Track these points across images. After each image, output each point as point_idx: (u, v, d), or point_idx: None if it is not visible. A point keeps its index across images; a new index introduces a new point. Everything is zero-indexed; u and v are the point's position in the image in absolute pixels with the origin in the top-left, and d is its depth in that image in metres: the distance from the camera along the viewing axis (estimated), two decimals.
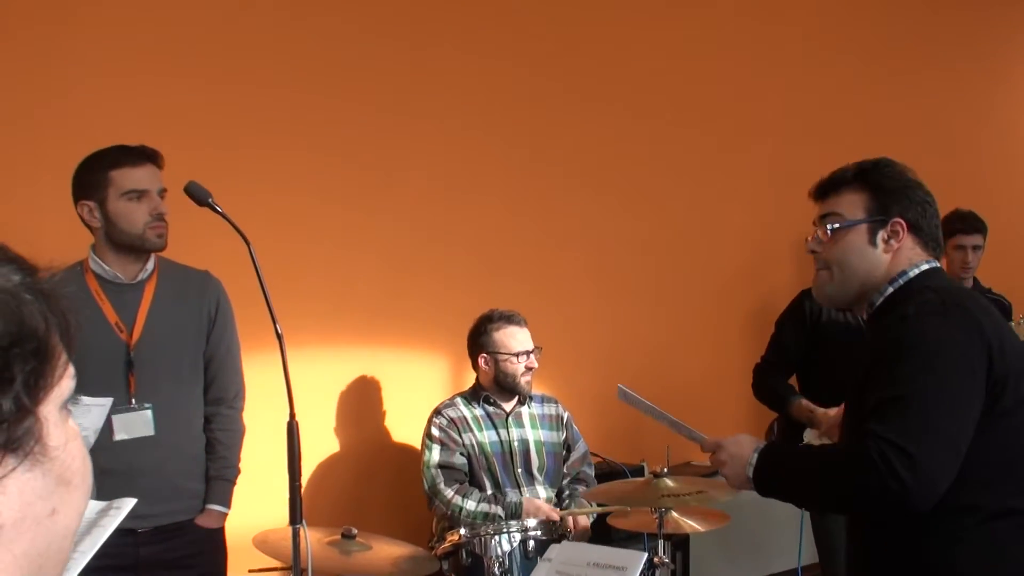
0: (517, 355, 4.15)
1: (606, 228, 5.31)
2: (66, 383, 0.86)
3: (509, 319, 4.20)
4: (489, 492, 4.06)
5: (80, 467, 0.87)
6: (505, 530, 3.39)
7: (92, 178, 3.20)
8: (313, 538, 2.69)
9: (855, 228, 2.43)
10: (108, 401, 3.12)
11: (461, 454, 4.09)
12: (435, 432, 4.11)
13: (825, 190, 2.52)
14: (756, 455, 2.36)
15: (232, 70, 4.22)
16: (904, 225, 2.41)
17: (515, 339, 4.17)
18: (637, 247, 5.42)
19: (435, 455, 4.07)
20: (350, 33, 4.54)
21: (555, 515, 3.88)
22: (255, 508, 3.73)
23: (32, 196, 3.71)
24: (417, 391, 4.64)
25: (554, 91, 5.12)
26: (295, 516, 2.44)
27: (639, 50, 5.42)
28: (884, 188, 2.44)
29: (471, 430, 4.13)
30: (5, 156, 3.76)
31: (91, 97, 3.91)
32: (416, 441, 4.34)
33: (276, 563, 3.17)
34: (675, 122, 5.51)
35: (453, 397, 4.26)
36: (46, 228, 3.52)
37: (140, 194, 3.18)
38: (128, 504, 1.57)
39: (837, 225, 2.44)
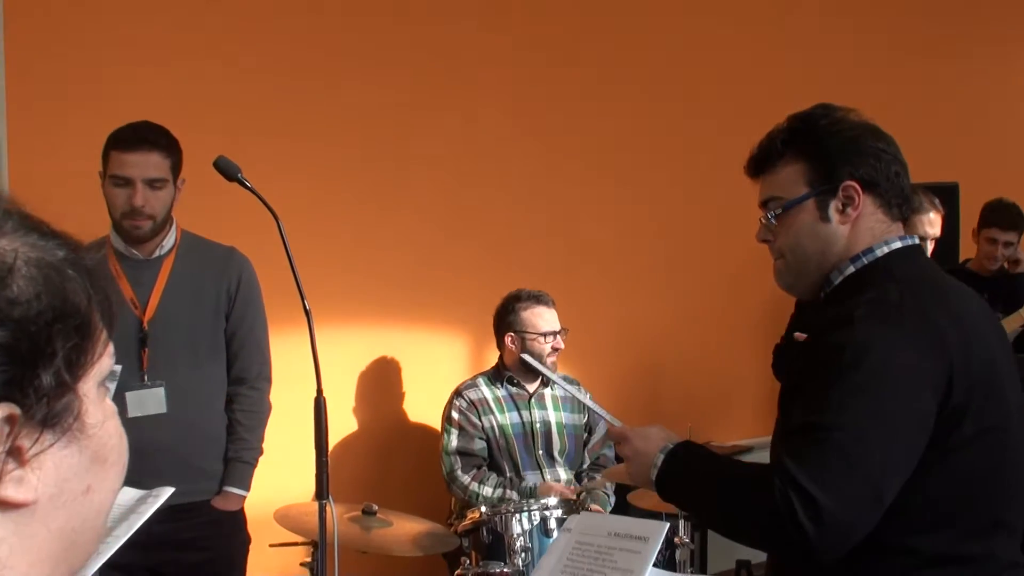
0: (544, 335, 4.13)
1: (629, 210, 5.29)
2: (106, 361, 0.86)
3: (537, 299, 4.17)
4: (507, 476, 4.05)
5: (116, 445, 0.88)
6: (525, 508, 3.39)
7: (103, 154, 3.18)
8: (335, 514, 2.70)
9: (801, 206, 2.03)
10: (117, 368, 3.08)
11: (480, 439, 4.07)
12: (454, 415, 4.09)
13: (758, 167, 2.12)
14: (662, 456, 2.00)
15: (257, 46, 4.21)
16: (858, 187, 2.00)
17: (542, 319, 4.14)
18: (658, 229, 5.40)
19: (453, 441, 4.06)
20: (372, 7, 4.53)
21: (570, 494, 3.89)
22: (277, 483, 3.74)
23: (56, 173, 3.72)
24: (438, 369, 4.64)
25: (578, 78, 5.10)
26: (322, 492, 2.43)
27: (660, 35, 5.39)
28: (824, 149, 2.02)
29: (492, 412, 4.11)
30: (32, 134, 3.77)
31: (119, 73, 3.91)
32: (437, 419, 4.34)
33: (297, 538, 3.18)
34: (696, 106, 5.47)
35: (475, 377, 4.24)
36: (68, 205, 3.52)
37: (124, 181, 3.12)
38: (166, 492, 1.57)
39: (780, 210, 2.06)
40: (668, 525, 1.87)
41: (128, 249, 3.22)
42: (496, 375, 4.22)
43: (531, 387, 4.21)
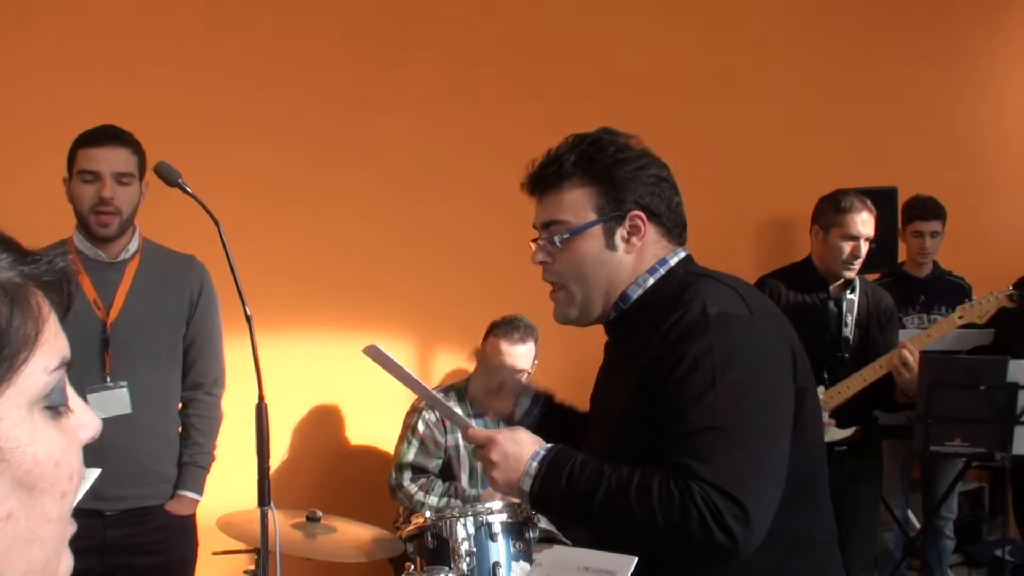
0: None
1: None
2: (34, 379, 0.77)
3: (508, 334, 4.05)
4: (455, 483, 4.03)
5: (49, 473, 0.78)
6: (470, 512, 3.39)
7: (69, 156, 3.22)
8: (278, 520, 2.69)
9: (588, 233, 2.00)
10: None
11: (438, 458, 4.04)
12: (420, 428, 4.05)
13: (542, 185, 2.08)
14: (535, 464, 1.92)
15: (202, 45, 4.19)
16: (644, 217, 2.00)
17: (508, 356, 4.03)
18: None
19: (411, 454, 4.02)
20: (318, 5, 4.51)
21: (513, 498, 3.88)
22: (220, 490, 3.71)
23: (18, 175, 3.69)
24: (385, 375, 4.59)
25: (540, 85, 5.07)
26: (263, 498, 2.43)
27: (605, 20, 5.36)
28: (613, 177, 2.00)
29: (457, 430, 4.08)
30: None
31: (67, 79, 3.90)
32: (383, 425, 4.32)
33: (240, 545, 3.17)
34: (636, 99, 5.45)
35: (447, 390, 4.15)
36: (35, 207, 3.51)
37: (92, 176, 3.16)
38: (92, 474, 1.54)
39: (567, 235, 2.01)
40: (637, 559, 1.86)
41: (93, 251, 3.24)
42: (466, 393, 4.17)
43: None
